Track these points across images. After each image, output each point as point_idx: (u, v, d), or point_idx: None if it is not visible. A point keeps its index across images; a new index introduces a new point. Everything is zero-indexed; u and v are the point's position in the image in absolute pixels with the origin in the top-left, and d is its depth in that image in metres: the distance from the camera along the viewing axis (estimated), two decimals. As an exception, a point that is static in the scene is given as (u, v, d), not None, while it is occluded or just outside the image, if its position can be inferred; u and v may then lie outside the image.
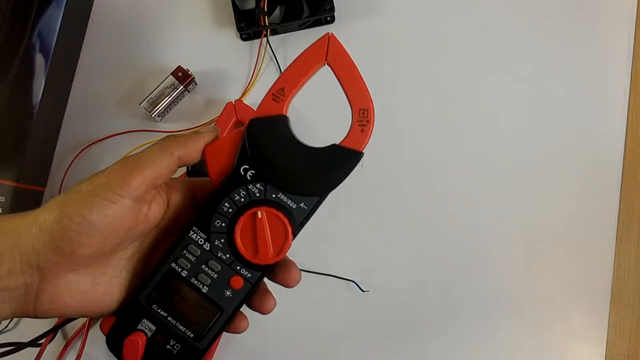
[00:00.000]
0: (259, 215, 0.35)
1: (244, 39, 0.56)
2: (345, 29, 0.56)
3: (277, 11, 0.55)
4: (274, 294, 0.37)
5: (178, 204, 0.36)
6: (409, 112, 0.56)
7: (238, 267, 0.36)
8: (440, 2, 0.57)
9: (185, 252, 0.36)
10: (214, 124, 0.53)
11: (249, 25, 0.54)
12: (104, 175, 0.32)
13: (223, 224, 0.36)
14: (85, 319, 0.51)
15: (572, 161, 0.55)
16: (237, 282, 0.36)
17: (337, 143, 0.36)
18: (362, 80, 0.38)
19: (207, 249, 0.36)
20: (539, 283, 0.53)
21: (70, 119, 0.56)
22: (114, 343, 0.36)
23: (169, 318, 0.36)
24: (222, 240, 0.36)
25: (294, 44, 0.56)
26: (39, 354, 0.49)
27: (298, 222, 0.36)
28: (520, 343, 0.53)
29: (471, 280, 0.53)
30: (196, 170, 0.50)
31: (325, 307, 0.53)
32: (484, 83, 0.56)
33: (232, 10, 0.54)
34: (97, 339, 0.50)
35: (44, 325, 0.50)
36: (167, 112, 0.55)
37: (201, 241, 0.36)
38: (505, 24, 0.57)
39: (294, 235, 0.36)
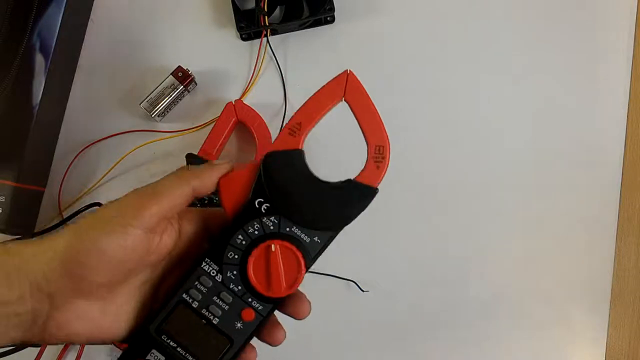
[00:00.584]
0: (273, 249, 0.36)
1: (244, 39, 0.56)
2: (345, 29, 0.56)
3: (277, 11, 0.55)
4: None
5: (189, 234, 0.36)
6: (408, 112, 0.55)
7: (249, 300, 0.36)
8: (440, 2, 0.57)
9: (197, 283, 0.36)
10: (214, 124, 0.53)
11: (249, 25, 0.54)
12: (119, 204, 0.32)
13: (236, 256, 0.36)
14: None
15: (572, 161, 0.55)
16: (249, 315, 0.36)
17: (352, 178, 0.37)
18: (379, 117, 0.38)
19: (219, 280, 0.36)
20: (539, 283, 0.53)
21: (70, 119, 0.56)
22: None
23: (179, 349, 0.36)
24: (235, 272, 0.36)
25: (294, 44, 0.56)
26: (39, 354, 0.48)
27: (311, 256, 0.36)
28: (520, 343, 0.53)
29: (471, 280, 0.53)
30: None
31: (325, 307, 0.53)
32: (484, 83, 0.56)
33: (232, 10, 0.54)
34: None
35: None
36: (167, 112, 0.55)
37: (213, 272, 0.36)
38: (505, 24, 0.57)
39: (307, 269, 0.36)
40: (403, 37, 0.56)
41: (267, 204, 0.36)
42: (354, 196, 0.37)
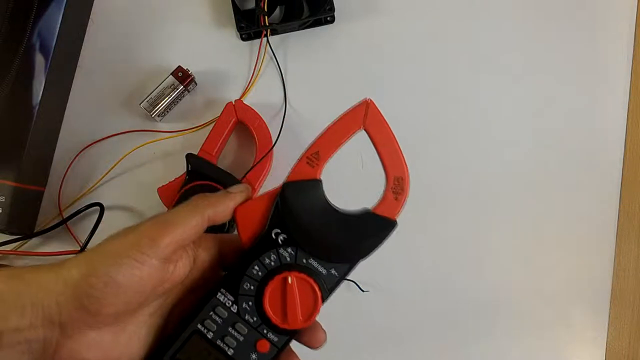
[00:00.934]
0: (289, 281, 0.35)
1: (244, 39, 0.56)
2: (345, 29, 0.56)
3: (277, 11, 0.55)
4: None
5: (204, 261, 0.36)
6: (408, 112, 0.55)
7: (265, 331, 0.36)
8: (440, 2, 0.57)
9: (212, 313, 0.35)
10: (214, 124, 0.52)
11: (249, 25, 0.54)
12: (133, 234, 0.32)
13: (252, 287, 0.35)
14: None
15: (572, 161, 0.55)
16: (264, 346, 0.36)
17: (370, 208, 0.36)
18: (399, 148, 0.38)
19: (235, 311, 0.35)
20: (539, 283, 0.53)
21: (70, 119, 0.56)
22: None
23: None
24: (250, 304, 0.35)
25: (294, 44, 0.56)
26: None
27: (328, 288, 0.36)
28: (520, 343, 0.53)
29: (471, 280, 0.53)
30: (195, 171, 0.50)
31: (324, 307, 0.53)
32: (484, 82, 0.56)
33: (232, 10, 0.54)
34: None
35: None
36: (167, 112, 0.55)
37: (229, 303, 0.35)
38: (505, 24, 0.57)
39: (324, 301, 0.36)
40: (403, 37, 0.56)
41: (284, 235, 0.35)
42: (372, 229, 0.36)
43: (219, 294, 0.35)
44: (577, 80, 0.56)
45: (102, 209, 0.52)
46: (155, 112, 0.53)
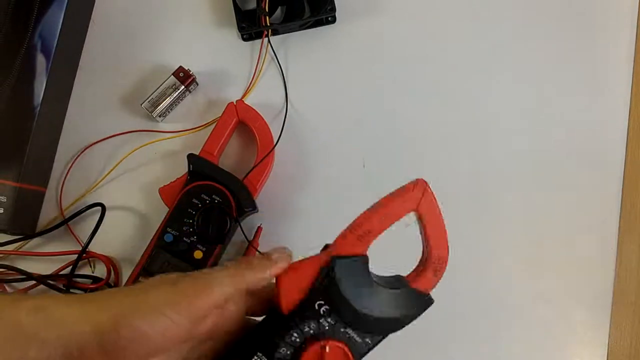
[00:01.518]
0: (327, 350, 0.36)
1: (245, 39, 0.56)
2: (346, 29, 0.56)
3: (278, 11, 0.55)
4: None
5: (231, 313, 0.36)
6: (408, 112, 0.55)
7: None
8: (440, 2, 0.57)
9: None
10: (215, 124, 0.52)
11: (250, 26, 0.54)
12: (173, 290, 0.32)
13: (288, 352, 0.36)
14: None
15: (574, 161, 0.55)
16: None
17: (409, 284, 0.38)
18: (446, 231, 0.38)
19: None
20: (540, 283, 0.53)
21: (71, 119, 0.56)
22: None
23: None
24: None
25: (295, 44, 0.56)
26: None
27: (360, 355, 0.37)
28: (521, 343, 0.53)
29: (472, 280, 0.53)
30: (197, 171, 0.50)
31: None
32: (484, 84, 0.56)
33: (233, 10, 0.54)
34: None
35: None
36: (169, 112, 0.55)
37: None
38: (505, 25, 0.57)
39: None
40: (404, 37, 0.56)
41: (327, 307, 0.36)
42: (409, 304, 0.38)
43: (255, 357, 0.36)
44: (579, 81, 0.56)
45: (103, 209, 0.52)
46: (156, 112, 0.53)
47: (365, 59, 0.56)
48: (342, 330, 0.36)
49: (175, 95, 0.53)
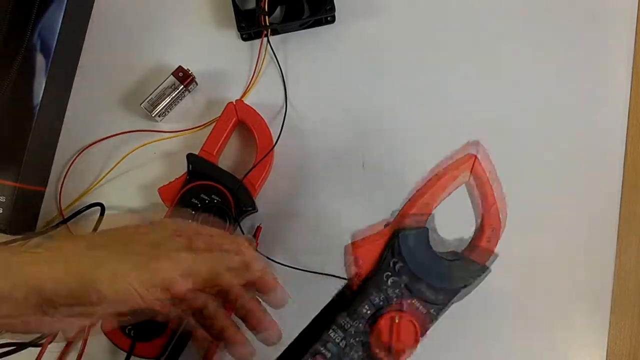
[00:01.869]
0: (397, 320, 0.39)
1: (244, 39, 0.56)
2: (346, 29, 0.56)
3: (278, 11, 0.55)
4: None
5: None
6: (408, 112, 0.55)
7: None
8: (440, 2, 0.57)
9: (323, 349, 0.39)
10: (215, 124, 0.52)
11: (249, 25, 0.54)
12: (144, 266, 0.34)
13: (360, 324, 0.39)
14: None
15: (573, 162, 0.55)
16: None
17: (466, 254, 0.41)
18: (496, 200, 0.41)
19: (343, 346, 0.39)
20: (539, 283, 0.53)
21: (70, 119, 0.56)
22: None
23: None
24: (358, 339, 0.39)
25: (294, 44, 0.56)
26: (40, 354, 0.48)
27: (426, 325, 0.40)
28: (521, 344, 0.53)
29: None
30: (196, 171, 0.50)
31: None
32: (484, 83, 0.56)
33: (232, 10, 0.54)
34: (97, 339, 0.50)
35: (45, 325, 0.50)
36: (168, 112, 0.55)
37: (338, 339, 0.39)
38: (506, 25, 0.57)
39: (421, 338, 0.39)
40: (403, 37, 0.56)
41: (394, 278, 0.39)
42: (468, 274, 0.40)
43: (331, 330, 0.39)
44: (578, 81, 0.56)
45: (102, 209, 0.52)
46: (155, 112, 0.53)
47: (365, 58, 0.56)
48: (409, 301, 0.39)
49: (174, 95, 0.53)
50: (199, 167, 0.51)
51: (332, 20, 0.56)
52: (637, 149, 0.55)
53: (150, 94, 0.53)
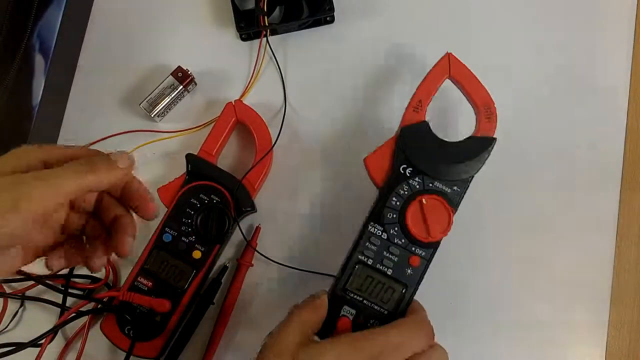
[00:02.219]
0: (424, 202, 0.44)
1: (243, 39, 0.56)
2: (345, 29, 0.56)
3: (277, 11, 0.55)
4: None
5: (81, 208, 0.41)
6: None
7: (413, 248, 0.44)
8: (439, 2, 0.57)
9: (368, 244, 0.44)
10: (214, 124, 0.52)
11: (248, 26, 0.54)
12: (14, 195, 0.33)
13: (394, 215, 0.44)
14: (86, 319, 0.51)
15: (572, 161, 0.55)
16: (415, 261, 0.44)
17: (472, 135, 0.46)
18: (481, 84, 0.47)
19: (385, 238, 0.44)
20: (538, 283, 0.53)
21: (69, 119, 0.56)
22: (325, 330, 0.43)
23: (365, 301, 0.44)
24: (396, 229, 0.44)
25: (293, 44, 0.56)
26: (39, 354, 0.49)
27: (455, 202, 0.45)
28: (520, 343, 0.53)
29: (470, 280, 0.53)
30: (195, 171, 0.51)
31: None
32: (484, 84, 0.56)
33: (231, 10, 0.54)
34: (97, 338, 0.50)
35: (45, 325, 0.50)
36: (167, 112, 0.55)
37: (379, 232, 0.44)
38: (506, 25, 0.57)
39: (454, 213, 0.44)
40: (402, 37, 0.56)
41: (410, 168, 0.45)
42: (477, 148, 0.45)
43: (370, 226, 0.44)
44: (577, 79, 0.56)
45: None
46: (155, 112, 0.53)
47: (364, 58, 0.56)
48: (430, 185, 0.45)
49: (173, 95, 0.53)
50: (198, 167, 0.51)
51: (331, 21, 0.56)
52: (636, 148, 0.55)
53: (150, 94, 0.53)
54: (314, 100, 0.56)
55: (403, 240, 0.44)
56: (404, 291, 0.44)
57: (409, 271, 0.44)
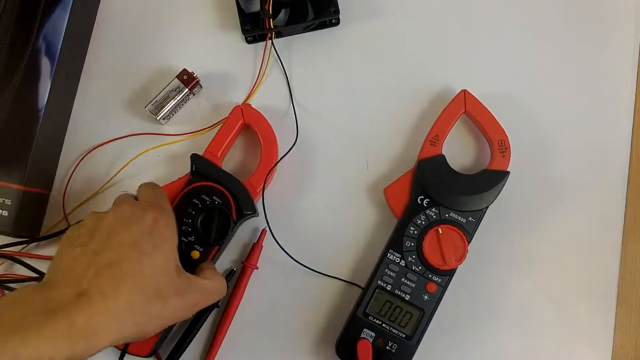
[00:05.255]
0: (441, 232, 0.47)
1: (249, 42, 0.56)
2: (350, 32, 0.56)
3: (282, 14, 0.55)
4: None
5: None
6: (412, 114, 0.55)
7: (430, 275, 0.47)
8: (444, 4, 0.57)
9: (386, 270, 0.47)
10: (221, 126, 0.52)
11: (253, 28, 0.54)
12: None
13: (412, 244, 0.48)
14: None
15: (578, 162, 0.55)
16: (432, 287, 0.47)
17: (486, 167, 0.49)
18: (496, 119, 0.50)
19: (403, 265, 0.47)
20: (544, 284, 0.53)
21: (75, 122, 0.56)
22: (344, 351, 0.47)
23: (384, 325, 0.47)
24: (414, 256, 0.47)
25: (299, 47, 0.56)
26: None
27: (470, 232, 0.48)
28: (525, 345, 0.53)
29: (475, 281, 0.53)
30: (199, 171, 0.50)
31: (328, 308, 0.53)
32: (488, 84, 0.56)
33: (237, 13, 0.54)
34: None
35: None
36: (173, 114, 0.55)
37: (397, 260, 0.48)
38: (508, 26, 0.57)
39: (469, 242, 0.47)
40: (408, 39, 0.56)
41: (427, 199, 0.48)
42: (491, 181, 0.48)
43: (389, 254, 0.48)
44: (583, 82, 0.56)
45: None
46: (160, 115, 0.53)
47: (369, 61, 0.56)
48: (447, 215, 0.47)
49: (179, 98, 0.53)
50: (203, 168, 0.51)
51: (337, 23, 0.56)
52: (641, 150, 0.55)
53: (155, 97, 0.53)
54: (319, 102, 0.56)
55: (420, 268, 0.47)
56: (421, 316, 0.47)
57: (425, 297, 0.47)
